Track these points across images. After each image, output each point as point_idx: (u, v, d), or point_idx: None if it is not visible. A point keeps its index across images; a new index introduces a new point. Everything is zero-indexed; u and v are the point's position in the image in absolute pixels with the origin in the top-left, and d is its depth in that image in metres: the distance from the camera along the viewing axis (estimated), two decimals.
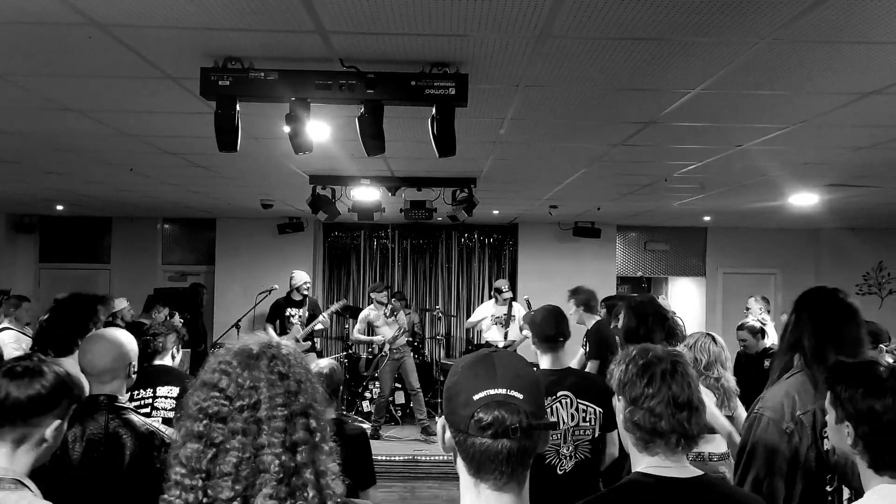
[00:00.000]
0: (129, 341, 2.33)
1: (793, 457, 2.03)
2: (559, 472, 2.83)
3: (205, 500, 1.17)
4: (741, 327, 5.77)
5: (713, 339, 3.44)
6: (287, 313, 7.77)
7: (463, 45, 2.61)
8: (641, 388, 1.57)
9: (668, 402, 1.54)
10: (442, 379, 8.60)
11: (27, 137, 4.46)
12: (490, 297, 8.58)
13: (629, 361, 1.65)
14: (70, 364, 2.71)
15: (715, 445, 3.31)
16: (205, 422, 1.20)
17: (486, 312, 7.94)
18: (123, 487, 2.05)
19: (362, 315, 7.73)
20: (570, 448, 2.84)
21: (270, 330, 7.76)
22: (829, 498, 2.03)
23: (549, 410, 2.80)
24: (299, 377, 1.28)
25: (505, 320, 7.68)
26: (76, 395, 1.83)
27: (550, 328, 2.97)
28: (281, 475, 1.18)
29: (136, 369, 2.34)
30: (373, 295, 7.74)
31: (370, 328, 7.78)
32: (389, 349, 7.53)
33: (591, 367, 4.95)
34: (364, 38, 2.56)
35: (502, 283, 7.95)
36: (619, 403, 1.66)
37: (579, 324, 5.29)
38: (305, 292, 7.77)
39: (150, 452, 2.10)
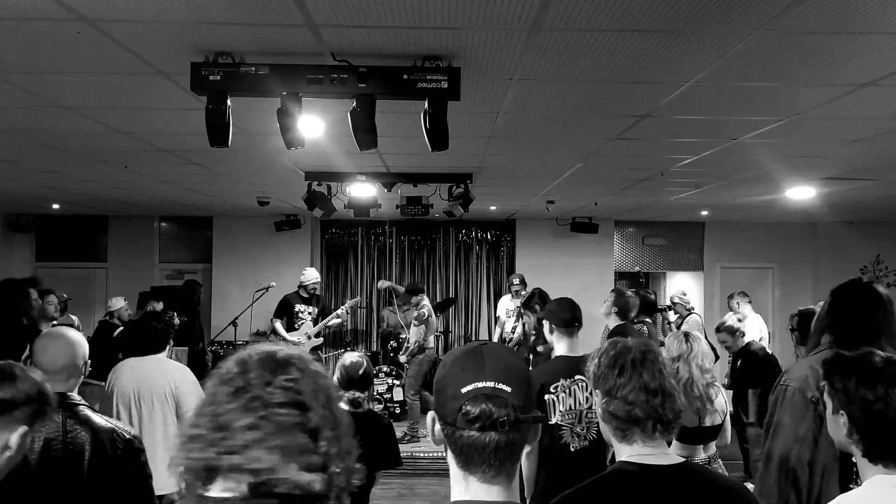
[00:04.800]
0: (82, 339, 2.37)
1: (818, 425, 2.08)
2: (572, 450, 3.02)
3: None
4: (719, 329, 5.70)
5: (685, 336, 3.41)
6: (297, 309, 7.69)
7: (455, 38, 2.60)
8: (614, 379, 1.62)
9: (640, 390, 1.59)
10: None
11: (18, 135, 4.43)
12: (496, 296, 9.08)
13: (601, 355, 1.71)
14: None
15: (694, 452, 3.31)
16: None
17: (503, 307, 8.19)
18: (84, 487, 2.03)
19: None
20: (584, 429, 3.05)
21: (279, 325, 7.73)
22: (855, 468, 2.06)
23: (566, 391, 3.04)
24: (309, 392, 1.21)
25: (519, 313, 7.76)
26: (45, 404, 1.75)
27: (567, 313, 3.23)
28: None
29: (89, 366, 2.37)
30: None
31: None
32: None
33: None
34: (355, 32, 2.55)
35: (513, 278, 8.22)
36: (596, 397, 1.71)
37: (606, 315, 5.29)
38: (312, 291, 7.72)
39: (112, 450, 2.08)
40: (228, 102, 2.78)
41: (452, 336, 10.31)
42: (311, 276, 7.73)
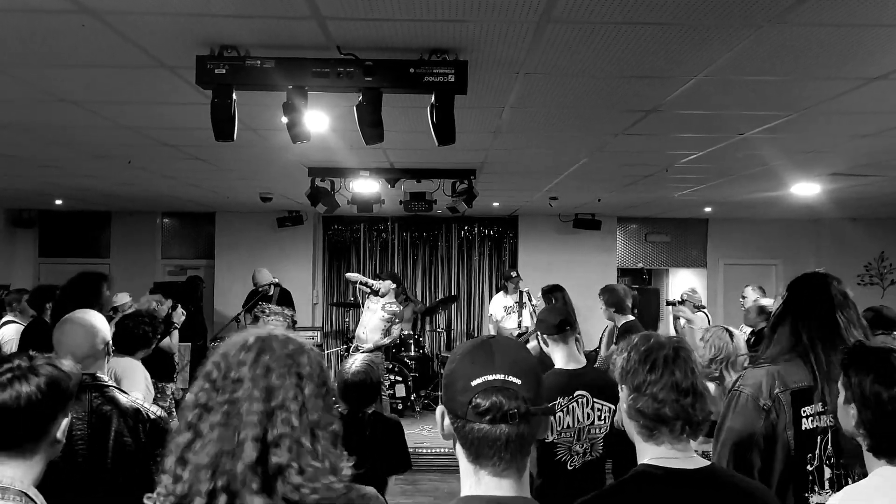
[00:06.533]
0: (101, 321, 2.40)
1: (770, 433, 2.07)
2: (569, 468, 2.86)
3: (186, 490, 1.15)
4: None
5: (729, 333, 3.24)
6: (260, 305, 7.89)
7: (462, 31, 2.57)
8: (644, 375, 1.56)
9: (671, 388, 1.53)
10: (442, 371, 8.56)
11: (21, 130, 4.42)
12: (497, 291, 9.06)
13: (631, 349, 1.64)
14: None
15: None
16: (195, 411, 1.20)
17: (499, 304, 8.20)
18: (109, 465, 2.04)
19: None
20: (585, 446, 2.88)
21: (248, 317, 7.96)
22: (810, 477, 2.07)
23: (566, 409, 2.84)
24: (284, 370, 1.23)
25: (517, 308, 7.77)
26: (71, 387, 1.78)
27: (555, 317, 3.02)
28: (257, 471, 1.14)
29: (112, 346, 2.41)
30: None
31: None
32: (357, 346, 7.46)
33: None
34: (362, 25, 2.52)
35: (511, 272, 8.33)
36: (622, 392, 1.66)
37: (609, 320, 5.23)
38: (264, 291, 7.94)
39: (136, 429, 2.09)
40: (234, 96, 2.76)
41: (454, 332, 10.30)
42: (263, 279, 8.04)
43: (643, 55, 2.80)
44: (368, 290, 7.56)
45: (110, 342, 2.39)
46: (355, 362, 2.96)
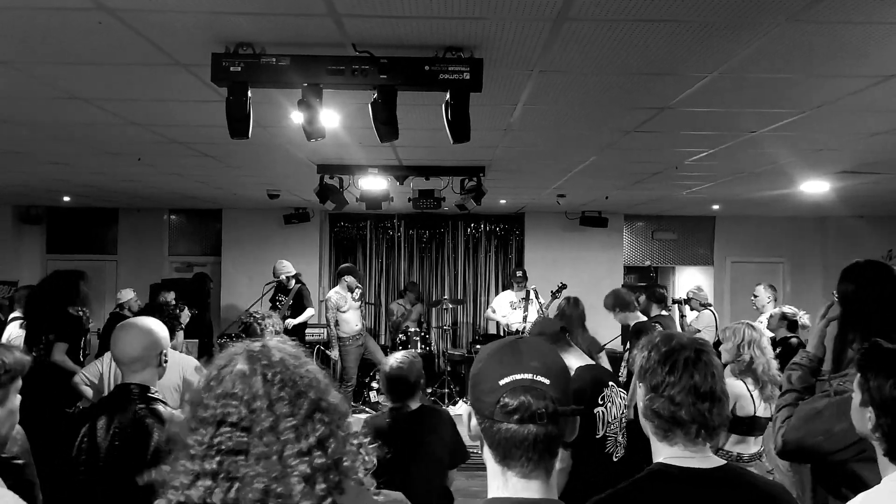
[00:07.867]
0: (159, 329, 2.32)
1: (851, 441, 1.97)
2: (615, 460, 2.91)
3: None
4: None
5: (751, 325, 3.41)
6: (277, 297, 7.88)
7: (478, 29, 2.57)
8: (663, 376, 1.53)
9: (689, 391, 1.50)
10: (448, 369, 8.59)
11: (32, 126, 4.43)
12: (504, 289, 9.17)
13: (652, 348, 1.61)
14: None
15: (746, 447, 3.27)
16: (218, 458, 1.14)
17: (505, 299, 8.23)
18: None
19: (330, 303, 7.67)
20: (624, 436, 2.94)
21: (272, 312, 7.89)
22: None
23: (611, 400, 2.91)
24: (295, 376, 1.22)
25: (523, 304, 7.77)
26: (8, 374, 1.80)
27: (553, 327, 3.17)
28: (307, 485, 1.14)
29: (167, 358, 2.33)
30: (346, 279, 7.64)
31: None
32: (350, 337, 7.52)
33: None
34: (377, 22, 2.52)
35: (518, 271, 8.37)
36: (639, 390, 1.63)
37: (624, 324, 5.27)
38: (283, 282, 7.85)
39: None
40: (249, 94, 2.77)
41: (461, 330, 10.30)
42: (281, 269, 7.85)
43: (658, 52, 2.80)
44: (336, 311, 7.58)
45: (166, 353, 2.32)
46: (394, 357, 2.99)
